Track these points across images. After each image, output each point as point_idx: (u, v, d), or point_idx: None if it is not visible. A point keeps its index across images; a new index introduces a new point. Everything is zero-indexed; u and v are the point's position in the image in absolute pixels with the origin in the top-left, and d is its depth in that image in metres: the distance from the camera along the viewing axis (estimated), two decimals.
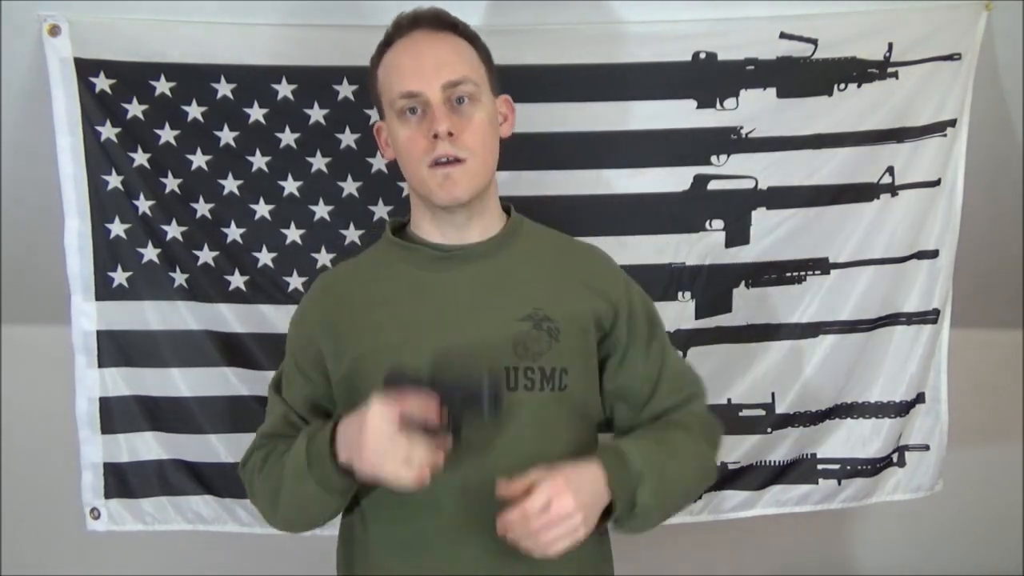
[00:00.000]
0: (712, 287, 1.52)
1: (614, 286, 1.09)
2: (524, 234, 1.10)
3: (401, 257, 1.07)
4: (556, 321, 1.02)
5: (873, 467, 1.59)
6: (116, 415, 1.51)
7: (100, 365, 1.50)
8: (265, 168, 1.45)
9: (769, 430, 1.57)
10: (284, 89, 1.42)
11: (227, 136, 1.44)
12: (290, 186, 1.46)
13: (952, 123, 1.47)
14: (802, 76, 1.45)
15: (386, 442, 0.88)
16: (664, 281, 1.50)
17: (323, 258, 1.48)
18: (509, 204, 1.12)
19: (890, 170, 1.49)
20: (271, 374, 1.47)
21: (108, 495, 1.53)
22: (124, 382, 1.51)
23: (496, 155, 1.06)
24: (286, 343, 1.13)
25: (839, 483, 1.59)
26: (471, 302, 1.03)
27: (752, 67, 1.45)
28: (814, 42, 1.44)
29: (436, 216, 1.06)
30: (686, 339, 1.53)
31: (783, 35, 1.44)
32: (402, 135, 1.01)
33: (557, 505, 0.88)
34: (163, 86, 1.41)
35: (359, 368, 1.02)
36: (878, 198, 1.50)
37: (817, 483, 1.59)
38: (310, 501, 0.98)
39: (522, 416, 1.00)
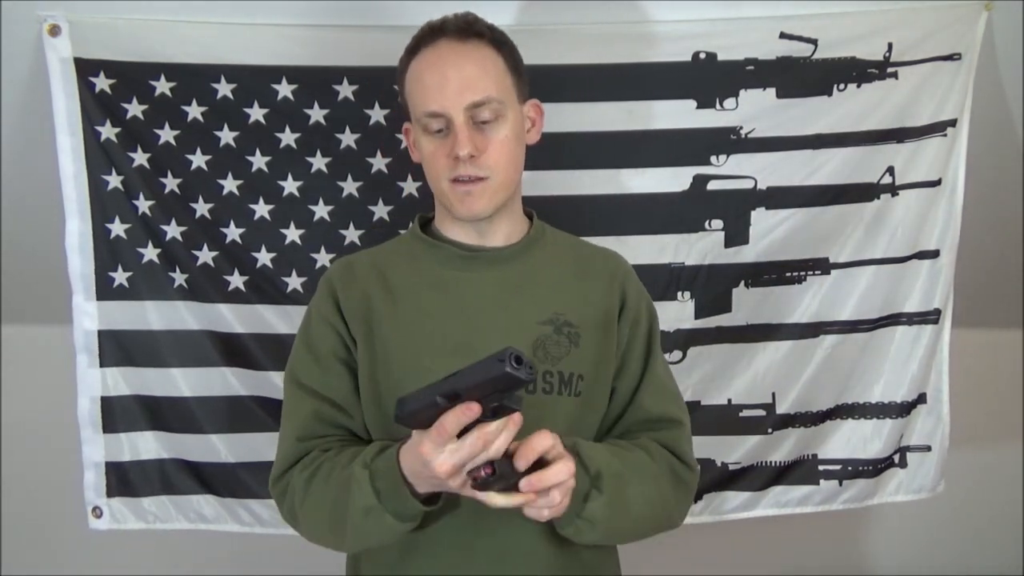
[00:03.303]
0: (712, 287, 1.52)
1: (628, 290, 1.09)
2: (547, 240, 1.10)
3: (426, 253, 1.07)
4: (576, 326, 1.02)
5: (875, 468, 1.59)
6: (117, 414, 1.51)
7: (101, 365, 1.50)
8: (265, 168, 1.46)
9: (770, 430, 1.57)
10: (284, 89, 1.42)
11: (227, 136, 1.44)
12: (290, 186, 1.47)
13: (952, 123, 1.47)
14: (802, 76, 1.45)
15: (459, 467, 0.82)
16: (664, 281, 1.50)
17: (322, 258, 1.48)
18: (532, 211, 1.13)
19: (890, 170, 1.49)
20: (270, 375, 1.50)
21: (110, 494, 1.53)
22: (125, 382, 1.51)
23: (520, 166, 1.06)
24: (303, 332, 1.08)
25: (840, 484, 1.59)
26: (493, 303, 1.02)
27: (752, 67, 1.45)
28: (814, 42, 1.44)
29: (458, 221, 1.06)
30: (686, 339, 1.53)
31: (783, 35, 1.44)
32: (426, 149, 1.02)
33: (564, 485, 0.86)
34: (163, 86, 1.41)
35: (386, 365, 1.02)
36: (878, 198, 1.50)
37: (818, 484, 1.59)
38: (385, 533, 0.92)
39: (541, 419, 0.97)
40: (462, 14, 1.02)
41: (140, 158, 1.44)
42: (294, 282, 1.49)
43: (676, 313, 1.51)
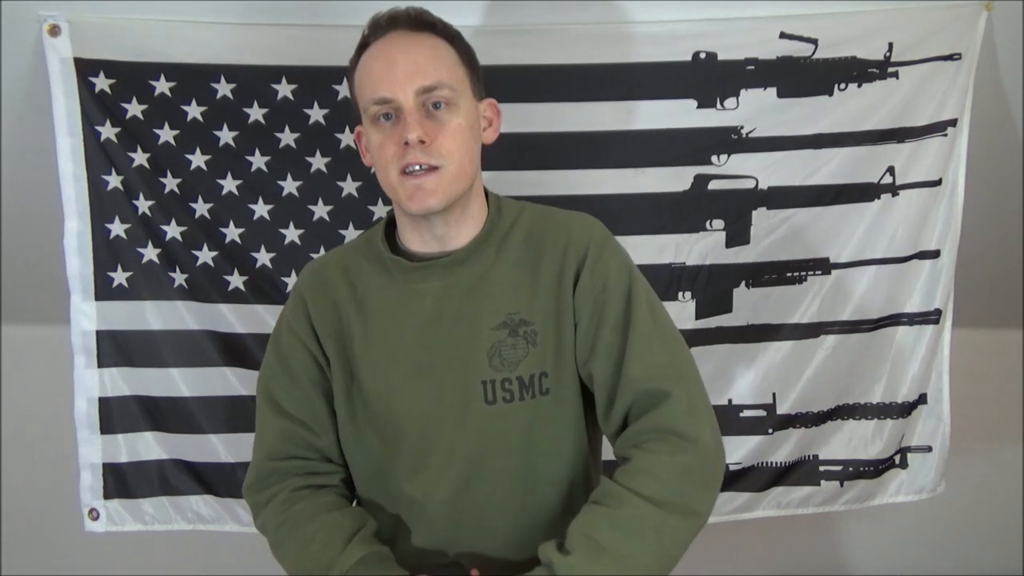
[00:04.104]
0: (712, 287, 1.52)
1: (587, 257, 1.00)
2: (502, 228, 1.04)
3: (382, 264, 1.04)
4: (533, 323, 0.99)
5: (875, 468, 1.59)
6: (115, 415, 1.51)
7: (100, 365, 1.50)
8: (264, 168, 1.45)
9: (770, 431, 1.57)
10: (284, 89, 1.42)
11: (227, 136, 1.44)
12: (289, 186, 1.46)
13: (953, 123, 1.47)
14: (802, 76, 1.45)
15: None
16: (664, 281, 1.50)
17: None
18: (487, 192, 1.07)
19: (891, 170, 1.49)
20: None
21: (107, 496, 1.53)
22: (124, 382, 1.51)
23: (476, 161, 1.01)
24: (276, 342, 1.08)
25: (841, 485, 1.59)
26: (448, 315, 1.00)
27: (752, 67, 1.45)
28: (814, 42, 1.44)
29: (415, 224, 1.02)
30: (687, 339, 1.49)
31: (783, 35, 1.43)
32: (375, 140, 0.97)
33: None
34: (163, 86, 1.41)
35: (356, 379, 1.02)
36: (879, 198, 1.50)
37: (819, 484, 1.59)
38: None
39: (507, 429, 0.98)
40: (412, 7, 0.99)
41: (140, 158, 1.44)
42: (293, 282, 1.48)
43: (677, 313, 1.51)
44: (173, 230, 1.46)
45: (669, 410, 0.93)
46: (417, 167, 0.94)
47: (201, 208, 1.46)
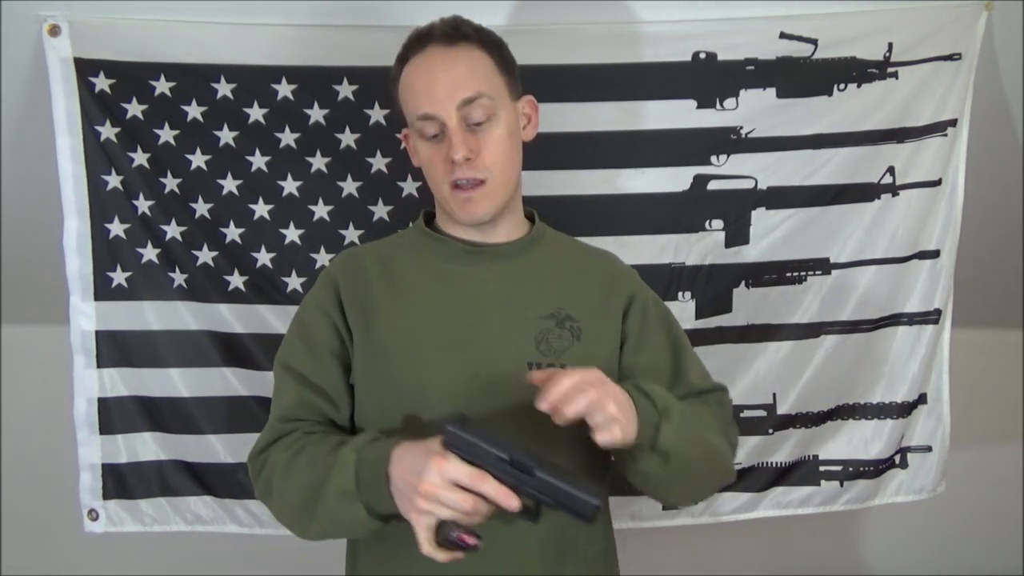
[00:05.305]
0: (712, 287, 1.52)
1: (629, 284, 1.12)
2: (548, 239, 1.13)
3: (430, 247, 1.08)
4: (578, 321, 1.04)
5: (875, 468, 1.59)
6: (115, 416, 1.51)
7: (99, 365, 1.49)
8: (264, 168, 1.45)
9: (771, 431, 1.57)
10: (284, 89, 1.42)
11: (227, 136, 1.44)
12: (289, 186, 1.46)
13: (952, 123, 1.47)
14: (802, 76, 1.45)
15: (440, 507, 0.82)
16: (664, 281, 1.50)
17: (322, 258, 1.48)
18: (533, 211, 1.14)
19: (891, 170, 1.49)
20: (269, 375, 1.48)
21: (107, 496, 1.53)
22: (123, 382, 1.51)
23: (518, 165, 1.07)
24: (297, 321, 1.08)
25: (841, 485, 1.59)
26: (497, 297, 1.04)
27: (752, 67, 1.45)
28: (814, 42, 1.44)
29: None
30: None
31: (783, 35, 1.44)
32: (424, 154, 1.04)
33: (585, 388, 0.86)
34: (163, 86, 1.41)
35: (384, 355, 1.02)
36: (879, 198, 1.50)
37: (819, 485, 1.59)
38: (354, 523, 0.92)
39: (545, 415, 0.99)
40: (448, 19, 1.04)
41: (140, 158, 1.44)
42: (294, 282, 1.49)
43: (676, 313, 1.46)
44: (173, 230, 1.46)
45: (727, 400, 1.14)
46: (465, 181, 1.01)
47: (201, 208, 1.46)
